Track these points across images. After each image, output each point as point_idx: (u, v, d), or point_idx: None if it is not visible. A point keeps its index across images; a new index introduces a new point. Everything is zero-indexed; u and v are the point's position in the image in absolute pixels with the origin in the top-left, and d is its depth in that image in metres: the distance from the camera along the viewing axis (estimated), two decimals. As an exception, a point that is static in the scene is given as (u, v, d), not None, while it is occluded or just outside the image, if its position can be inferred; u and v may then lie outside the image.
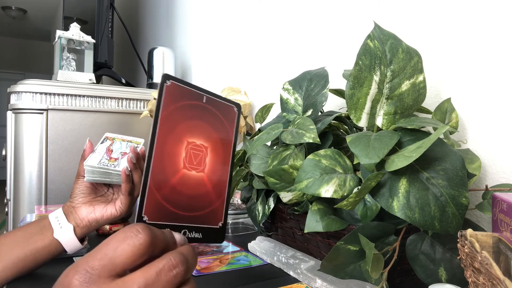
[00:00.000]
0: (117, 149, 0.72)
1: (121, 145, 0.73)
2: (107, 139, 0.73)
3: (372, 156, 0.46)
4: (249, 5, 1.28)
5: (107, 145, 0.72)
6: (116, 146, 0.72)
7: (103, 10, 1.87)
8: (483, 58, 0.62)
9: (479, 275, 0.32)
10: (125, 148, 0.73)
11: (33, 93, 1.37)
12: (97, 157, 0.68)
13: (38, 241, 0.59)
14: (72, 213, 0.63)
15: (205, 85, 1.59)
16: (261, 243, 0.76)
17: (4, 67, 5.91)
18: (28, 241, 0.59)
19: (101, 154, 0.69)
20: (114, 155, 0.70)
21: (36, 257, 0.58)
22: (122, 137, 0.74)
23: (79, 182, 0.65)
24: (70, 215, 0.63)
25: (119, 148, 0.72)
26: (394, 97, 0.54)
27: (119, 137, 0.74)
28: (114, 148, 0.72)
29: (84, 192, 0.65)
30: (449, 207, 0.45)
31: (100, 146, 0.71)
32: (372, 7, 0.83)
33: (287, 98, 0.72)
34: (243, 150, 0.76)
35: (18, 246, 0.58)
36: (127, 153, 0.70)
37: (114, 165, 0.68)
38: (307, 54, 1.02)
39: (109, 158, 0.69)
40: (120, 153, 0.71)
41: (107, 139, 0.73)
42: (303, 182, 0.53)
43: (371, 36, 0.54)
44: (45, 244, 0.59)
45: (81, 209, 0.63)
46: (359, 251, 0.50)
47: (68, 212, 0.63)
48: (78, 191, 0.65)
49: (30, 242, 0.59)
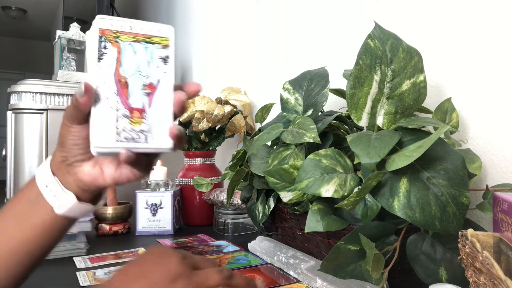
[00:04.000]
0: (132, 72, 0.38)
1: (134, 55, 0.39)
2: (106, 40, 0.38)
3: (373, 155, 0.46)
4: (249, 5, 1.28)
5: (114, 65, 0.38)
6: (128, 62, 0.38)
7: (103, 10, 1.87)
8: (483, 58, 0.62)
9: (480, 275, 0.32)
10: (145, 65, 0.39)
11: (33, 93, 1.37)
12: (107, 117, 0.37)
13: (34, 217, 0.43)
14: (70, 175, 0.42)
15: (205, 85, 1.59)
16: (261, 243, 0.76)
17: (4, 67, 5.90)
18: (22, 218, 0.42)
19: (111, 103, 0.37)
20: (134, 100, 0.38)
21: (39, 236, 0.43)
22: (130, 25, 0.39)
23: (71, 130, 0.40)
24: (65, 176, 0.42)
25: (135, 66, 0.38)
26: (394, 97, 0.53)
27: (126, 28, 0.39)
28: (126, 70, 0.38)
29: (80, 144, 0.41)
30: (449, 207, 0.45)
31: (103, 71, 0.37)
32: (372, 6, 0.82)
33: (287, 98, 0.72)
34: (243, 150, 0.76)
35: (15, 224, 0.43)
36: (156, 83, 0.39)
37: (143, 133, 0.38)
38: (307, 54, 1.02)
39: (130, 111, 0.38)
40: (142, 84, 0.38)
41: (104, 39, 0.38)
42: (303, 181, 0.53)
43: (371, 36, 0.54)
44: (46, 222, 0.43)
45: (82, 170, 0.42)
46: (359, 251, 0.50)
47: (60, 172, 0.42)
48: (70, 142, 0.41)
49: (25, 219, 0.42)
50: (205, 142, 1.11)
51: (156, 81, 0.39)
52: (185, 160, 1.10)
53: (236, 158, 0.77)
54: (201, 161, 1.08)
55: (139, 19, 0.40)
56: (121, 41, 0.38)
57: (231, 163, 0.80)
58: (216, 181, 0.94)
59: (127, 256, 0.75)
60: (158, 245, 0.36)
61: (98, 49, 0.37)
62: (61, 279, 0.63)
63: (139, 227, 0.94)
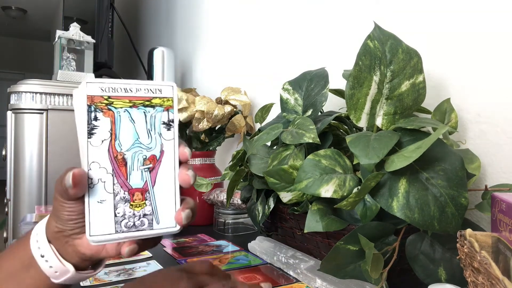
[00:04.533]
0: (130, 146, 0.33)
1: (132, 124, 0.33)
2: (96, 109, 0.32)
3: (372, 156, 0.46)
4: (249, 5, 1.28)
5: (108, 140, 0.32)
6: (124, 134, 0.33)
7: (103, 10, 1.87)
8: (482, 58, 0.62)
9: (478, 274, 0.32)
10: (144, 135, 0.33)
11: (33, 93, 1.37)
12: (105, 203, 0.33)
13: (28, 283, 0.38)
14: (69, 245, 0.38)
15: (205, 85, 1.59)
16: (261, 243, 0.76)
17: (4, 67, 5.90)
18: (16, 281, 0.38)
19: (108, 187, 0.33)
20: (135, 180, 0.33)
21: None
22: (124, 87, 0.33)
23: (65, 206, 0.35)
24: (64, 247, 0.38)
25: (133, 138, 0.33)
26: (394, 97, 0.54)
27: (120, 92, 0.33)
28: (123, 144, 0.33)
29: (76, 219, 0.36)
30: (448, 207, 0.45)
31: (96, 148, 0.32)
32: (372, 7, 0.83)
33: (287, 98, 0.72)
34: (243, 150, 0.76)
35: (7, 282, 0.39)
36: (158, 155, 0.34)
37: (147, 217, 0.34)
38: (307, 54, 1.02)
39: (131, 194, 0.33)
40: (143, 159, 0.33)
41: (95, 107, 0.32)
42: (303, 182, 0.53)
43: (371, 37, 0.54)
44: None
45: (82, 243, 0.38)
46: (359, 251, 0.50)
47: (58, 242, 0.38)
48: (66, 217, 0.36)
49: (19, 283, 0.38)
50: (205, 142, 1.12)
51: (159, 153, 0.34)
52: (185, 160, 1.10)
53: (236, 158, 0.77)
54: (201, 161, 1.08)
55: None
56: (114, 108, 0.33)
57: (231, 163, 0.80)
58: (216, 181, 0.94)
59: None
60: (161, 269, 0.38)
61: (88, 121, 0.32)
62: (62, 279, 0.63)
63: (139, 227, 0.94)
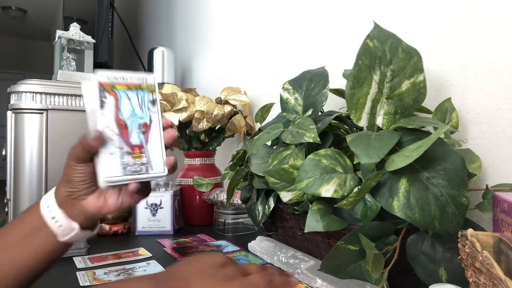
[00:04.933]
0: (129, 115, 0.46)
1: (129, 101, 0.46)
2: (104, 91, 0.45)
3: (373, 155, 0.46)
4: (249, 5, 1.28)
5: (114, 111, 0.45)
6: (124, 107, 0.46)
7: (103, 10, 1.87)
8: (483, 58, 0.62)
9: (480, 275, 0.32)
10: (138, 109, 0.47)
11: (33, 93, 1.36)
12: (114, 155, 0.44)
13: (36, 244, 0.47)
14: (76, 206, 0.47)
15: (205, 85, 1.59)
16: (261, 243, 0.76)
17: (4, 67, 5.90)
18: (25, 244, 0.47)
19: (117, 143, 0.45)
20: (134, 139, 0.46)
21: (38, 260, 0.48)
22: (123, 77, 0.46)
23: (78, 168, 0.46)
24: (71, 208, 0.47)
25: (130, 111, 0.46)
26: (394, 97, 0.53)
27: (119, 79, 0.46)
28: (124, 114, 0.46)
29: (85, 180, 0.47)
30: (449, 207, 0.45)
31: (106, 117, 0.45)
32: (371, 6, 0.82)
33: (287, 98, 0.72)
34: (243, 150, 0.76)
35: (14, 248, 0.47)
36: (148, 122, 0.47)
37: (144, 165, 0.46)
38: (307, 54, 1.02)
39: (132, 148, 0.45)
40: (138, 125, 0.46)
41: (103, 89, 0.45)
42: (303, 181, 0.53)
43: (370, 36, 0.54)
44: (47, 249, 0.48)
45: (87, 202, 0.48)
46: (359, 251, 0.50)
47: (67, 205, 0.47)
48: (77, 179, 0.46)
49: (27, 245, 0.47)
50: (205, 142, 1.11)
51: (149, 121, 0.47)
52: (185, 160, 1.10)
53: (236, 158, 0.77)
54: (201, 161, 1.08)
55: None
56: (116, 90, 0.45)
57: (231, 163, 0.80)
58: (216, 181, 0.94)
59: (127, 256, 0.75)
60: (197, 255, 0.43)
61: (99, 98, 0.44)
62: (61, 279, 0.63)
63: (139, 227, 0.94)
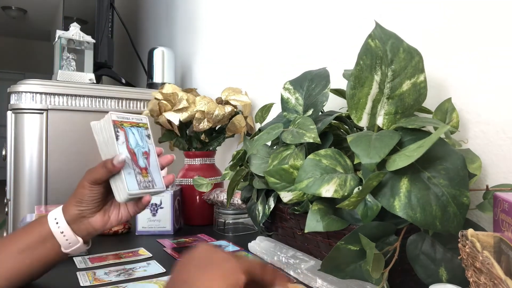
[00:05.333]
0: (134, 145, 0.59)
1: (134, 135, 0.59)
2: (117, 127, 0.57)
3: (373, 155, 0.46)
4: (249, 5, 1.28)
5: (125, 142, 0.57)
6: (131, 139, 0.59)
7: (103, 10, 1.87)
8: (483, 58, 0.62)
9: (480, 275, 0.32)
10: (140, 141, 0.60)
11: (33, 93, 1.36)
12: (131, 174, 0.56)
13: (41, 252, 0.55)
14: (83, 224, 0.57)
15: (205, 85, 1.59)
16: (261, 243, 0.76)
17: (4, 67, 5.91)
18: (30, 251, 0.54)
19: (131, 166, 0.56)
20: (141, 163, 0.58)
21: (40, 266, 0.55)
22: (127, 117, 0.60)
23: (93, 189, 0.56)
24: (79, 225, 0.56)
25: (135, 142, 0.59)
26: (395, 97, 0.53)
27: (125, 119, 0.59)
28: (132, 144, 0.58)
29: (97, 200, 0.57)
30: (450, 207, 0.45)
31: (120, 146, 0.56)
32: (372, 6, 0.83)
33: (288, 98, 0.72)
34: (243, 150, 0.76)
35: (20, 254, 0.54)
36: (148, 151, 0.60)
37: (151, 182, 0.58)
38: (307, 54, 1.02)
39: (140, 170, 0.58)
40: (142, 153, 0.59)
41: (116, 126, 0.57)
42: (303, 181, 0.53)
43: (372, 36, 0.54)
44: (50, 257, 0.55)
45: (94, 220, 0.57)
46: (359, 251, 0.50)
47: (75, 222, 0.56)
48: (89, 199, 0.56)
49: (33, 252, 0.54)
50: (205, 142, 1.11)
51: (148, 150, 0.61)
52: (185, 160, 1.10)
53: (236, 158, 0.77)
54: (201, 161, 1.08)
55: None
56: (125, 127, 0.58)
57: (231, 163, 0.80)
58: (216, 181, 0.94)
59: (127, 256, 0.75)
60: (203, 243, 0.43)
61: (115, 132, 0.56)
62: (61, 279, 0.63)
63: (139, 227, 0.94)
